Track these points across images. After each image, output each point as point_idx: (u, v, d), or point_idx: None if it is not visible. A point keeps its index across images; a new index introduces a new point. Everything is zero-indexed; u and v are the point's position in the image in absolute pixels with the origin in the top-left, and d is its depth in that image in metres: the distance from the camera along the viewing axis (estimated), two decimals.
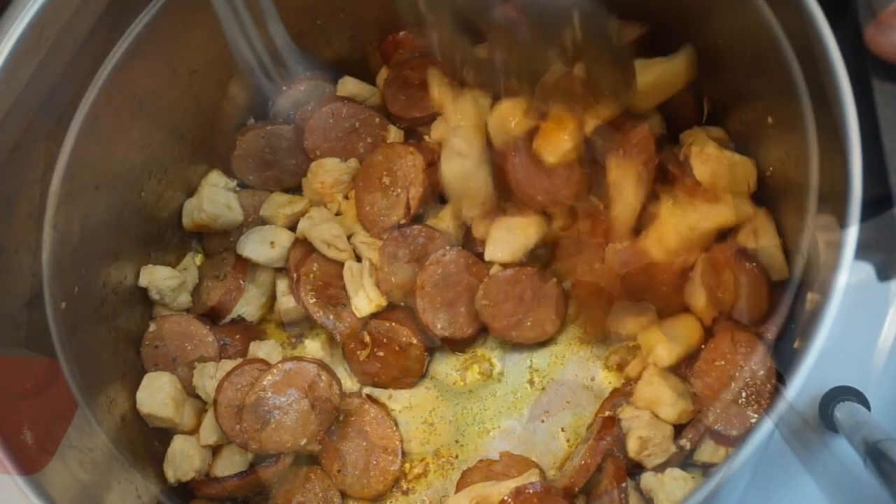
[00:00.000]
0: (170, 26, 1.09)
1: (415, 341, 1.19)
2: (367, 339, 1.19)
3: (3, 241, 0.94)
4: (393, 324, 1.19)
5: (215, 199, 1.26)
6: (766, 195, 1.09)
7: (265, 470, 1.13)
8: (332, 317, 1.20)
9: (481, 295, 1.18)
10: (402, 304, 1.21)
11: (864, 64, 0.77)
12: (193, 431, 1.18)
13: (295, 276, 1.21)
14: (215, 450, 1.18)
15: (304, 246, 1.23)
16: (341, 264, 1.21)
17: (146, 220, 1.22)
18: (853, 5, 0.79)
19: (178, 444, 1.15)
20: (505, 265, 1.18)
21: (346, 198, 1.27)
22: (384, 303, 1.20)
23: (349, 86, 1.30)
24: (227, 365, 1.18)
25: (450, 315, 1.19)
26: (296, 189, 1.30)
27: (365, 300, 1.19)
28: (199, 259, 1.31)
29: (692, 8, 1.06)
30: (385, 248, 1.20)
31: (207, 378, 1.18)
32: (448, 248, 1.20)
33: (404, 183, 1.21)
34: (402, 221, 1.21)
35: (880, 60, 0.77)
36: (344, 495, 1.16)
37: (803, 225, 0.96)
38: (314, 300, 1.20)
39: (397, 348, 1.19)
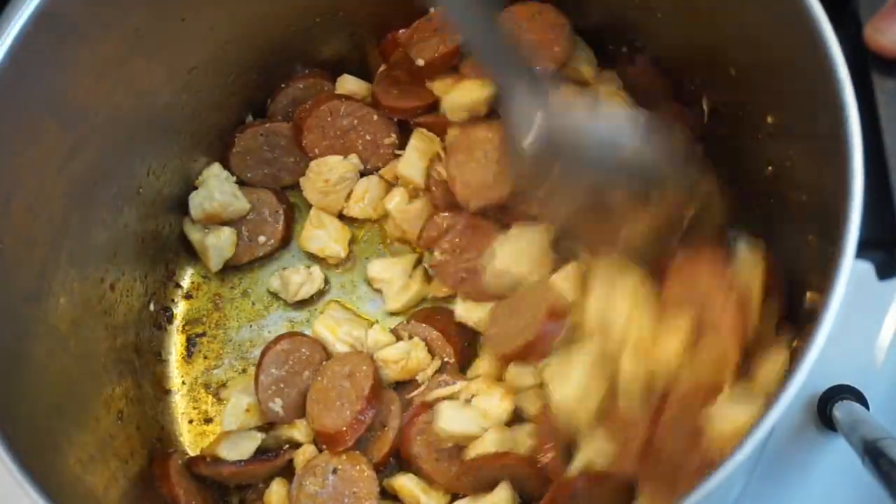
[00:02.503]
0: (169, 23, 1.09)
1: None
2: None
3: (3, 235, 0.94)
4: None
5: (223, 188, 1.25)
6: (762, 194, 1.10)
7: (264, 463, 1.13)
8: None
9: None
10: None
11: (864, 62, 0.78)
12: None
13: None
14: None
15: None
16: None
17: (144, 217, 1.22)
18: (854, 3, 0.79)
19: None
20: None
21: (348, 198, 1.27)
22: None
23: (348, 84, 1.30)
24: None
25: None
26: (294, 187, 1.30)
27: None
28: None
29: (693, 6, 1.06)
30: None
31: None
32: None
33: None
34: None
35: (881, 58, 0.77)
36: None
37: (800, 226, 0.96)
38: None
39: None
